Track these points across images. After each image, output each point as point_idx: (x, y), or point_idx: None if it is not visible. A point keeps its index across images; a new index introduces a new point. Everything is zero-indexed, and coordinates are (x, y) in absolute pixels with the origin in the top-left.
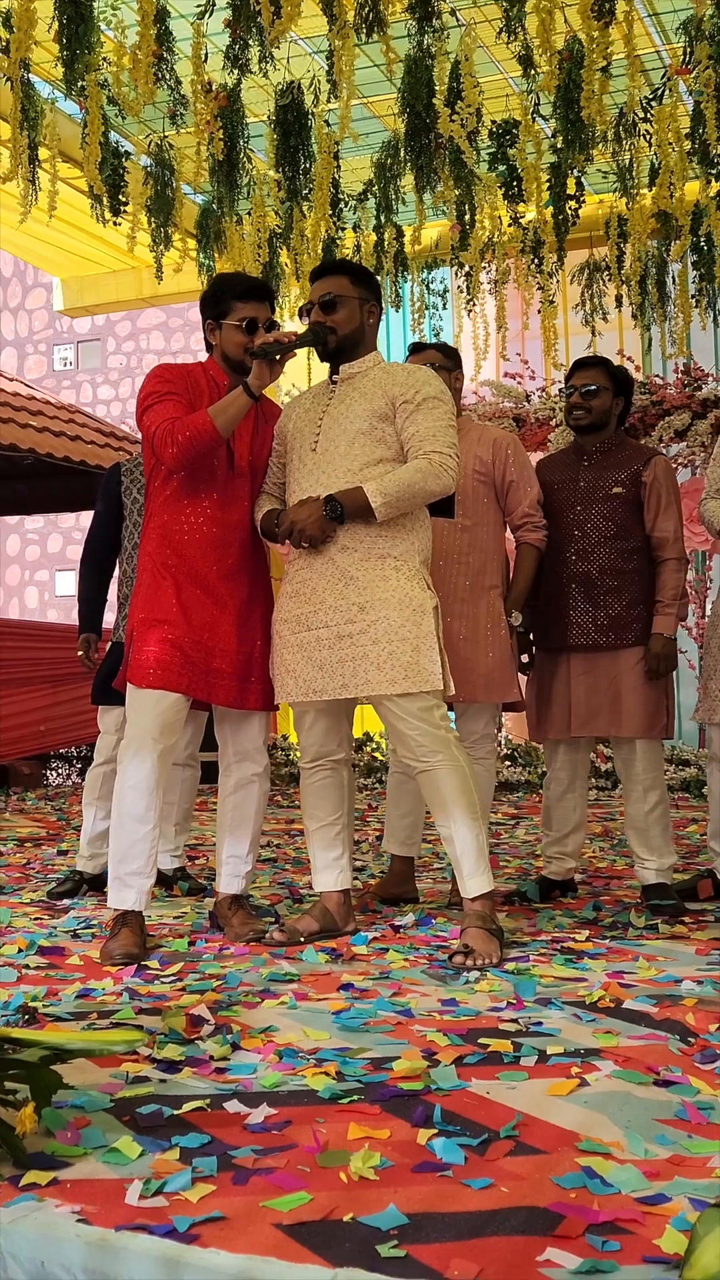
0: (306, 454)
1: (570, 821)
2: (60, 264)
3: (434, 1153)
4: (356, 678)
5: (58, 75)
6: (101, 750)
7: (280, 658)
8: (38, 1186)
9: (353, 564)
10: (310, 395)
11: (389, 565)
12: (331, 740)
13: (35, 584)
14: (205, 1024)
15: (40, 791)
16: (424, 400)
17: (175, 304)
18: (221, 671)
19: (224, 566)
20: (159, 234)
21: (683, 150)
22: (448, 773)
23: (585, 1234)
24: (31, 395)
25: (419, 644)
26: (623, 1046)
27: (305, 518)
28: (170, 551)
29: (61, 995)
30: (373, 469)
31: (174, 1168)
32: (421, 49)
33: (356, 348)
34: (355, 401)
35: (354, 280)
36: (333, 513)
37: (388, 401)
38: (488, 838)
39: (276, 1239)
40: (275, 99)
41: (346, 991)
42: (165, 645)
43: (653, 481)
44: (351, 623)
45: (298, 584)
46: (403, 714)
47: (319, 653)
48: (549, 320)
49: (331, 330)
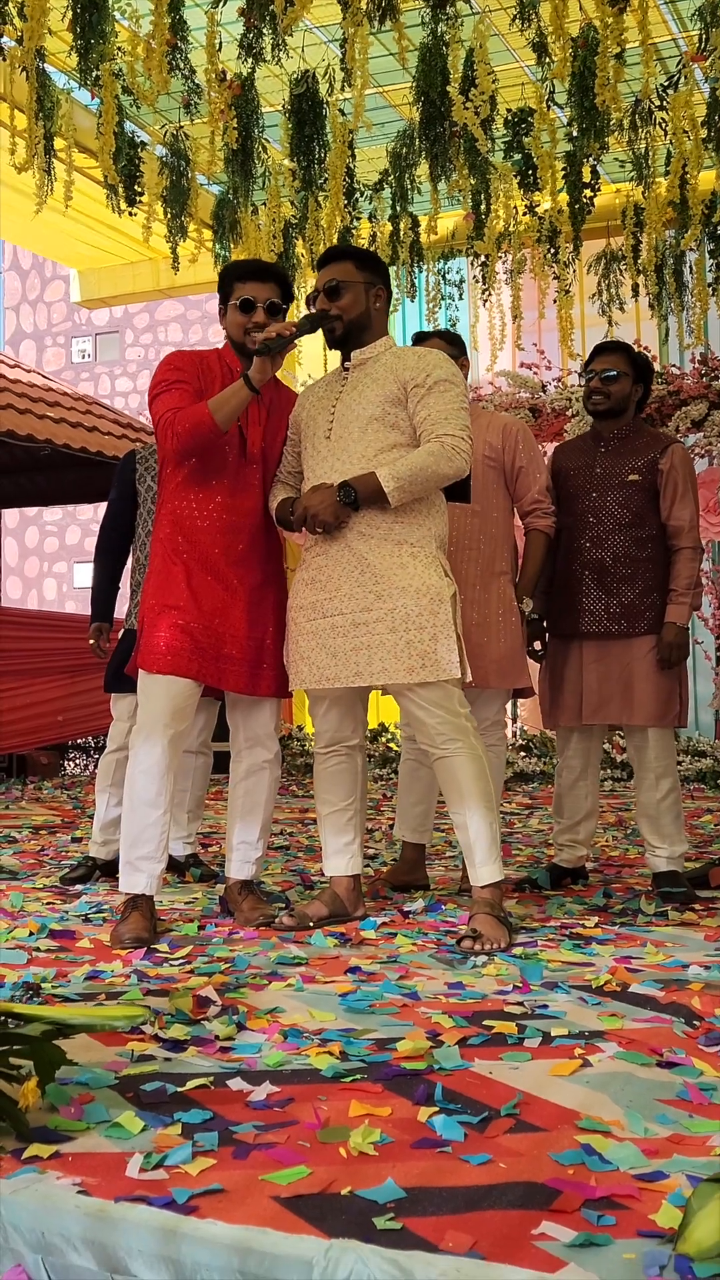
0: (320, 441)
1: (581, 809)
2: (77, 256)
3: (434, 1130)
4: (372, 666)
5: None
6: (114, 737)
7: (295, 644)
8: (39, 1159)
9: (369, 550)
10: (323, 383)
11: (406, 552)
12: (346, 726)
13: (54, 576)
14: (212, 1005)
15: (57, 780)
16: (436, 383)
17: (193, 295)
18: (232, 657)
19: (235, 553)
20: (174, 224)
21: (698, 138)
22: (465, 760)
23: (581, 1209)
24: (49, 386)
25: (436, 632)
26: (627, 1029)
27: (319, 504)
28: (181, 538)
29: (70, 977)
30: (387, 454)
31: (175, 1142)
32: (436, 36)
33: (364, 333)
34: (368, 387)
35: (359, 265)
36: (346, 498)
37: (399, 386)
38: (500, 826)
39: (274, 1211)
40: (290, 88)
41: (354, 974)
42: (175, 631)
43: (669, 469)
44: (368, 610)
45: (314, 571)
46: (421, 701)
47: (334, 640)
48: (565, 310)
49: (338, 318)
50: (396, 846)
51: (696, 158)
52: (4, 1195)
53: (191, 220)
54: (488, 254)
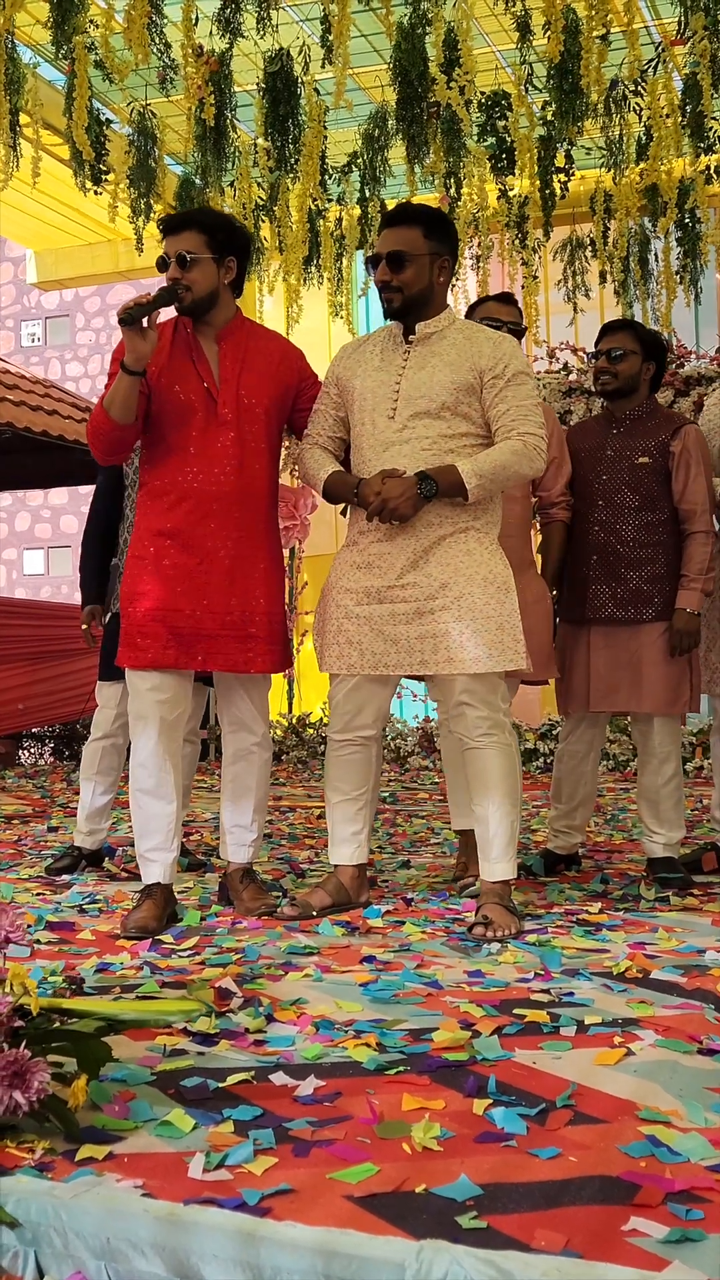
0: (382, 420)
1: (579, 794)
2: (35, 236)
3: (493, 1123)
4: (438, 655)
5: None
6: (99, 725)
7: (339, 626)
8: (94, 1161)
9: (435, 539)
10: (377, 350)
11: (472, 538)
12: (367, 714)
13: (3, 563)
14: (234, 997)
15: (19, 770)
16: (514, 375)
17: (149, 279)
18: (214, 635)
19: (212, 522)
20: (139, 204)
21: (677, 123)
22: (498, 754)
23: (665, 1203)
24: (6, 369)
25: (503, 621)
26: (660, 1016)
27: (400, 496)
28: (155, 513)
29: (79, 970)
30: (457, 442)
31: (231, 1140)
32: (418, 14)
33: (427, 306)
34: (437, 369)
35: (426, 232)
36: (428, 491)
37: (475, 374)
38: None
39: (350, 1211)
40: (265, 66)
41: (370, 964)
42: (149, 621)
43: (681, 451)
44: (433, 599)
45: (370, 555)
46: (468, 695)
47: (393, 628)
48: (530, 297)
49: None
50: (380, 834)
51: (672, 144)
52: (65, 1200)
53: (158, 201)
54: (460, 238)
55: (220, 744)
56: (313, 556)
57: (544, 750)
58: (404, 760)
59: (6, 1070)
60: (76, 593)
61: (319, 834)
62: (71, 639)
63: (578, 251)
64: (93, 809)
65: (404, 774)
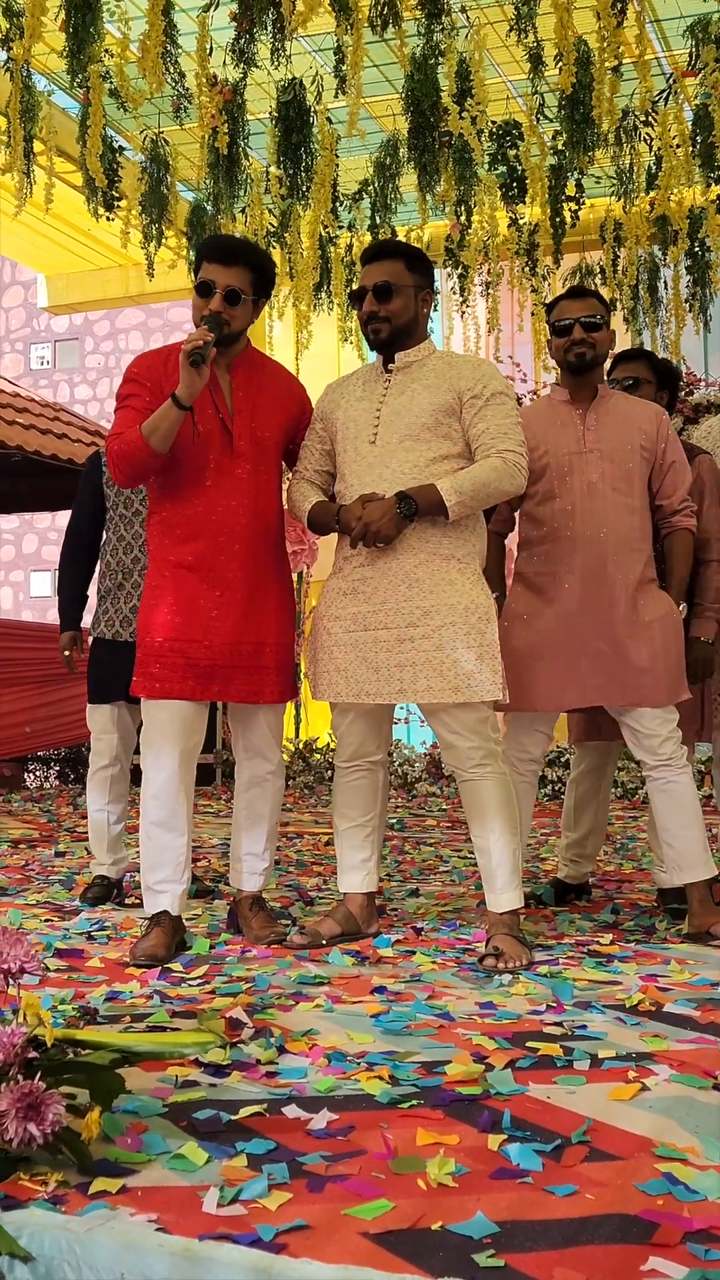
0: (364, 446)
1: (592, 823)
2: (46, 260)
3: (508, 1159)
4: (417, 684)
5: (54, 67)
6: (101, 753)
7: (329, 655)
8: (108, 1194)
9: (417, 565)
10: (359, 382)
11: (454, 568)
12: (371, 741)
13: (10, 585)
14: (244, 1027)
15: (25, 793)
16: (493, 395)
17: (158, 303)
18: (230, 666)
19: (226, 555)
20: (151, 230)
21: (687, 153)
22: (493, 785)
23: (684, 1242)
24: (16, 393)
25: (482, 652)
26: (674, 1050)
27: (379, 517)
28: (170, 544)
29: (89, 998)
30: (438, 464)
31: (245, 1175)
32: (430, 45)
33: (409, 337)
34: (417, 393)
35: (409, 265)
36: (407, 510)
37: (454, 395)
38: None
39: (367, 1248)
40: (277, 95)
41: (380, 994)
42: (167, 651)
43: (697, 479)
44: (414, 626)
45: (355, 581)
46: (456, 725)
47: (377, 655)
48: (540, 323)
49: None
50: (389, 861)
51: (684, 173)
52: (79, 1234)
53: (170, 228)
54: (468, 265)
55: (229, 769)
56: (321, 581)
57: (552, 777)
58: (411, 787)
59: (21, 1102)
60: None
61: (327, 860)
62: (78, 661)
63: (587, 279)
64: (111, 838)
65: (411, 800)
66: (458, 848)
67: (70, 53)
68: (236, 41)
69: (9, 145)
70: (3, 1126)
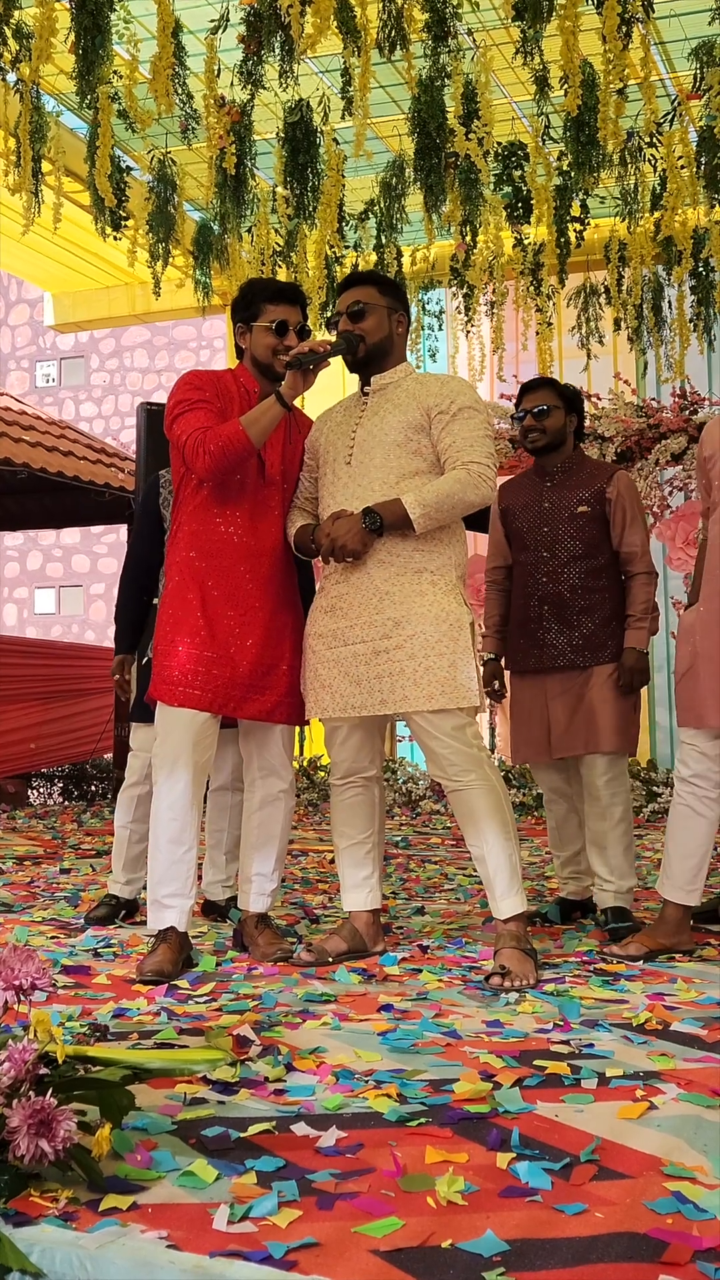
0: (340, 467)
1: (577, 840)
2: (53, 279)
3: (517, 1177)
4: (395, 694)
5: (62, 88)
6: (134, 770)
7: (315, 673)
8: (119, 1211)
9: (388, 579)
10: (341, 408)
11: (425, 580)
12: (364, 757)
13: (14, 601)
14: (252, 1044)
15: (29, 810)
16: (460, 410)
17: (164, 321)
18: (248, 685)
19: (254, 577)
20: (158, 249)
21: (692, 174)
22: (481, 792)
23: (694, 1261)
24: (22, 410)
25: (455, 659)
26: (681, 1069)
27: (344, 532)
28: (200, 561)
29: (96, 1015)
30: (409, 481)
31: (255, 1192)
32: (437, 67)
33: (386, 358)
34: (389, 413)
35: (381, 290)
36: (372, 525)
37: (423, 412)
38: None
39: (377, 1266)
40: (284, 116)
41: (388, 1013)
42: (190, 661)
43: (617, 497)
44: (387, 638)
45: (333, 599)
46: (436, 732)
47: (355, 669)
48: (545, 343)
49: (360, 338)
50: (394, 879)
51: (690, 194)
52: (91, 1251)
53: (177, 247)
54: (474, 285)
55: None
56: None
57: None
58: (415, 804)
59: (33, 1119)
60: (88, 631)
61: (332, 878)
62: (83, 679)
63: (592, 299)
64: (129, 858)
65: (415, 818)
66: (462, 865)
67: (79, 74)
68: (244, 63)
69: (18, 165)
70: (15, 1143)
